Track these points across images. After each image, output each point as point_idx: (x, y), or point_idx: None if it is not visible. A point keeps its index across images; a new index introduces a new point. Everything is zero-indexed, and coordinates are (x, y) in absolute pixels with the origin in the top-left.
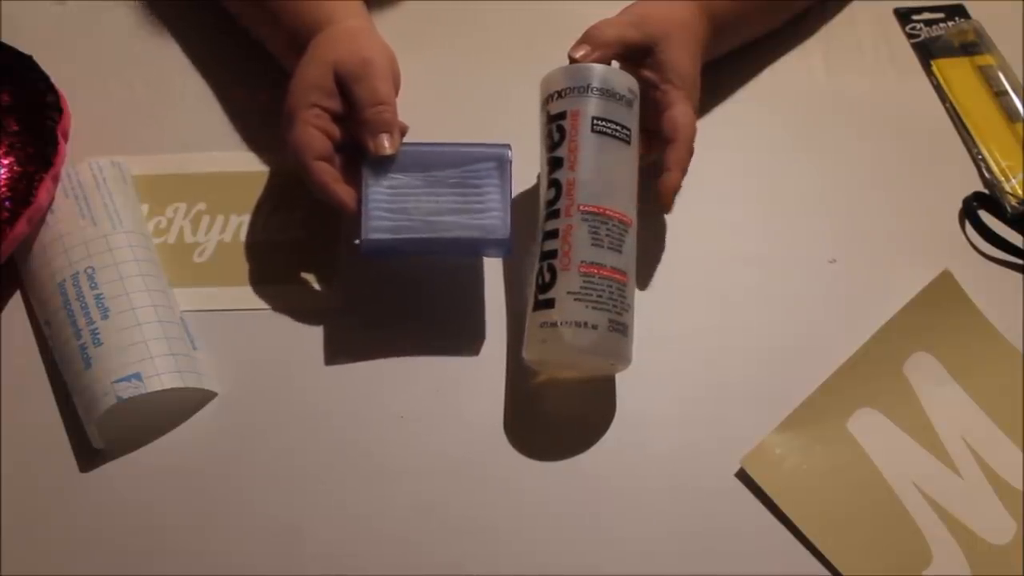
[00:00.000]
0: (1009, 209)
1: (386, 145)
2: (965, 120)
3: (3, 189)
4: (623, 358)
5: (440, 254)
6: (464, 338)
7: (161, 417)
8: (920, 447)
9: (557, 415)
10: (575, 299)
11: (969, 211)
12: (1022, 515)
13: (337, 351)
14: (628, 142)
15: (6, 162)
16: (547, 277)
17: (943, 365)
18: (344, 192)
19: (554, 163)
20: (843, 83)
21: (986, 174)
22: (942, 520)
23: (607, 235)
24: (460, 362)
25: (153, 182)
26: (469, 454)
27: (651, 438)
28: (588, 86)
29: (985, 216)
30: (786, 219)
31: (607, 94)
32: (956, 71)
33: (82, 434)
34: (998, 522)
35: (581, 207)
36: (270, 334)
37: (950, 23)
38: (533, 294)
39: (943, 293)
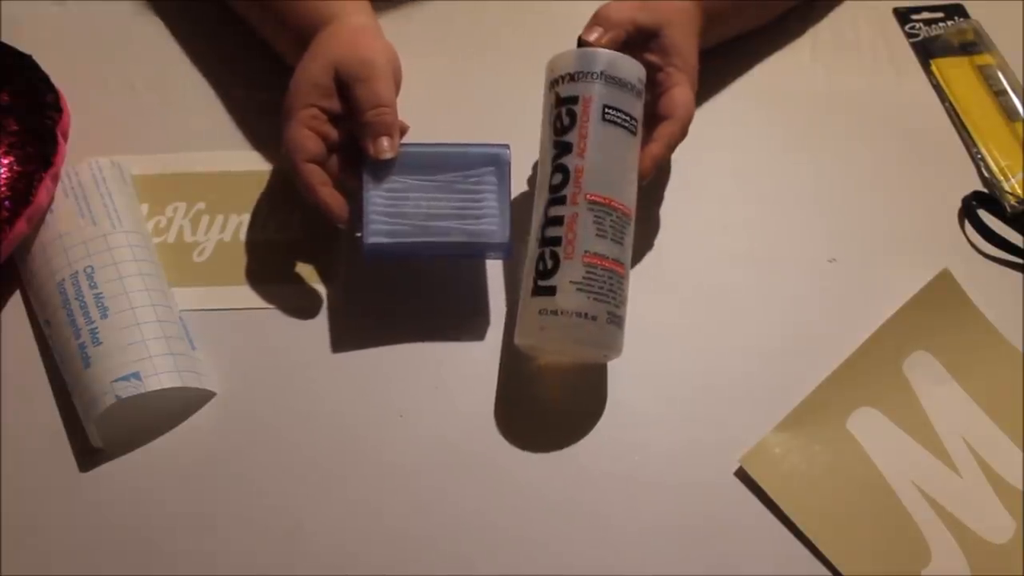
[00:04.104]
0: (1008, 208)
1: (386, 147)
2: (964, 119)
3: (3, 189)
4: (616, 349)
5: (440, 256)
6: (464, 337)
7: (160, 417)
8: (919, 446)
9: (558, 414)
10: (577, 289)
11: (969, 210)
12: (1022, 514)
13: (336, 350)
14: (634, 133)
15: (6, 162)
16: (549, 264)
17: (942, 364)
18: (331, 197)
19: (562, 147)
20: (842, 82)
21: (985, 173)
22: (941, 519)
23: (611, 227)
24: (459, 360)
25: (152, 182)
26: (469, 452)
27: (651, 437)
28: (601, 72)
29: (985, 215)
30: (786, 218)
31: (618, 83)
32: (955, 70)
33: (82, 434)
34: (998, 521)
35: (588, 196)
36: (269, 333)
37: (949, 22)
38: (532, 279)
39: (942, 292)
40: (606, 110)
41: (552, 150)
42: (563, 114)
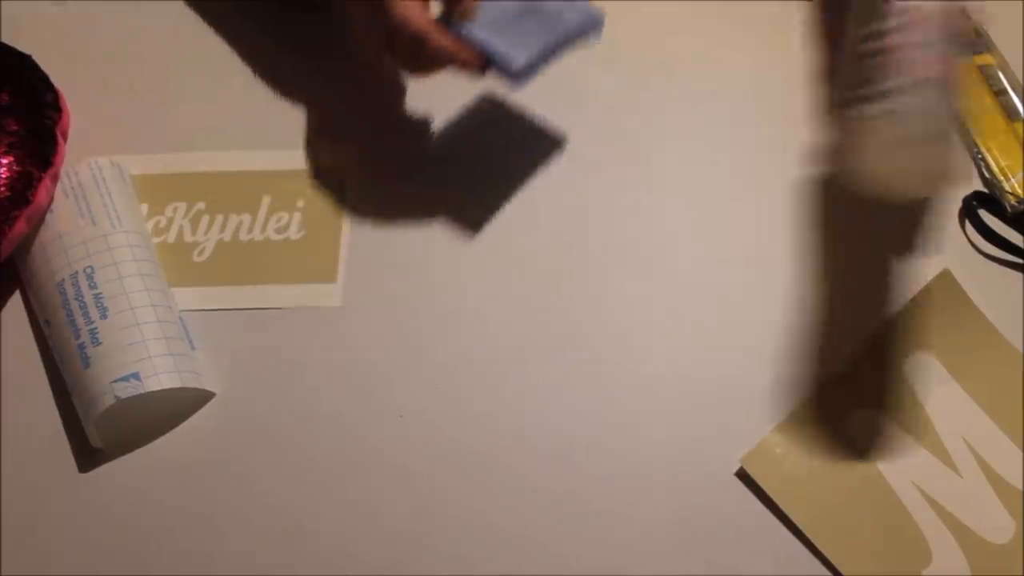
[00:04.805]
0: (1009, 208)
1: (470, 3)
2: (964, 119)
3: (2, 188)
4: (953, 164)
5: (568, 47)
6: (463, 336)
7: (160, 417)
8: (920, 446)
9: (557, 415)
10: (910, 93)
11: (969, 210)
12: (1022, 514)
13: (335, 350)
14: None
15: (5, 161)
16: (880, 73)
17: (943, 364)
18: (464, 50)
19: None
20: None
21: (985, 173)
22: (942, 519)
23: (942, 41)
24: (460, 360)
25: (152, 181)
26: (469, 452)
27: (651, 436)
28: None
29: (985, 215)
30: (785, 218)
31: None
32: None
33: (81, 434)
34: (998, 521)
35: (915, 9)
36: (269, 334)
37: None
38: (858, 97)
39: (943, 292)
40: None
41: None
42: None
